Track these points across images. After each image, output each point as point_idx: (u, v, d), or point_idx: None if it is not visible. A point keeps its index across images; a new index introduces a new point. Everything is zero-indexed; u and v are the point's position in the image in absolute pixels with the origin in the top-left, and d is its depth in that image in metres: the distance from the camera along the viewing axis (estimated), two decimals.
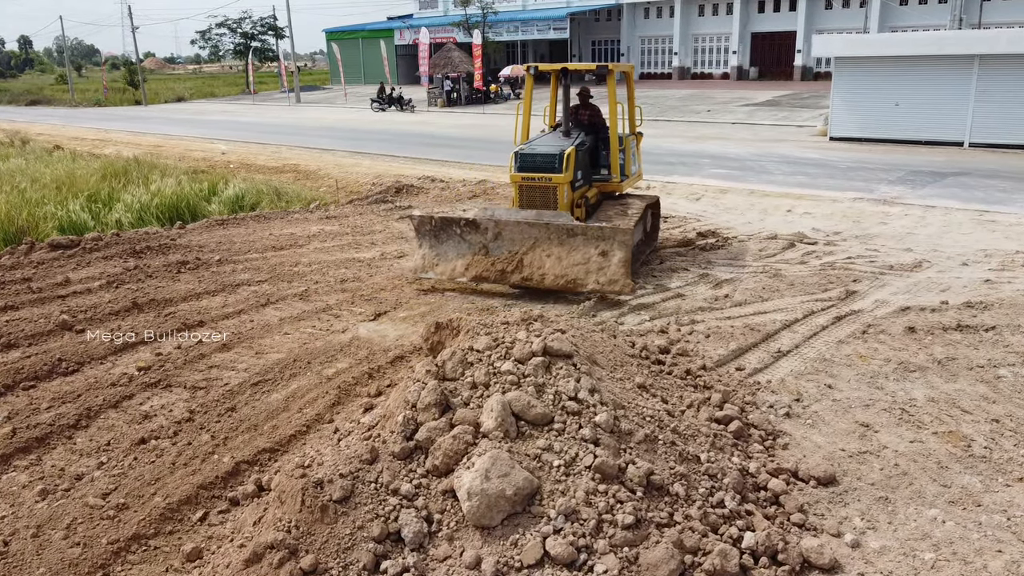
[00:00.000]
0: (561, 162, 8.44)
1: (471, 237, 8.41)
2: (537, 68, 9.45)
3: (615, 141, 9.35)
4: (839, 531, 4.04)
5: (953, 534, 4.00)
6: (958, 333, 6.79)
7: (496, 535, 3.50)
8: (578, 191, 8.95)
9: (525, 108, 9.72)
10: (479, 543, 3.47)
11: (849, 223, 11.55)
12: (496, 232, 8.28)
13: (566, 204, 8.63)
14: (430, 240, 8.62)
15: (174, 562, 3.93)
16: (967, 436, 5.00)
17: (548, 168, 8.53)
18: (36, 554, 3.94)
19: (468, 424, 3.87)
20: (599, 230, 7.99)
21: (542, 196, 8.64)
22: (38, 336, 7.13)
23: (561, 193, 8.54)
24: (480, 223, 8.32)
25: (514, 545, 3.45)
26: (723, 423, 4.84)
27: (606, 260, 7.92)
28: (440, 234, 8.55)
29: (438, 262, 8.54)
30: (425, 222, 8.59)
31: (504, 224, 8.24)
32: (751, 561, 3.67)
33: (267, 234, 11.49)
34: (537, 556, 3.40)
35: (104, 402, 5.72)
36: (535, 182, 8.61)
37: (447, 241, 8.54)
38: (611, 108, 9.24)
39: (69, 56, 75.33)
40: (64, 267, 9.58)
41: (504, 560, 3.38)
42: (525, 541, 3.45)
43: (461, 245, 8.47)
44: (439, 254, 8.55)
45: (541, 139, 9.34)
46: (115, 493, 4.49)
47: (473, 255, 8.38)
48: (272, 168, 19.59)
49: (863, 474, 4.58)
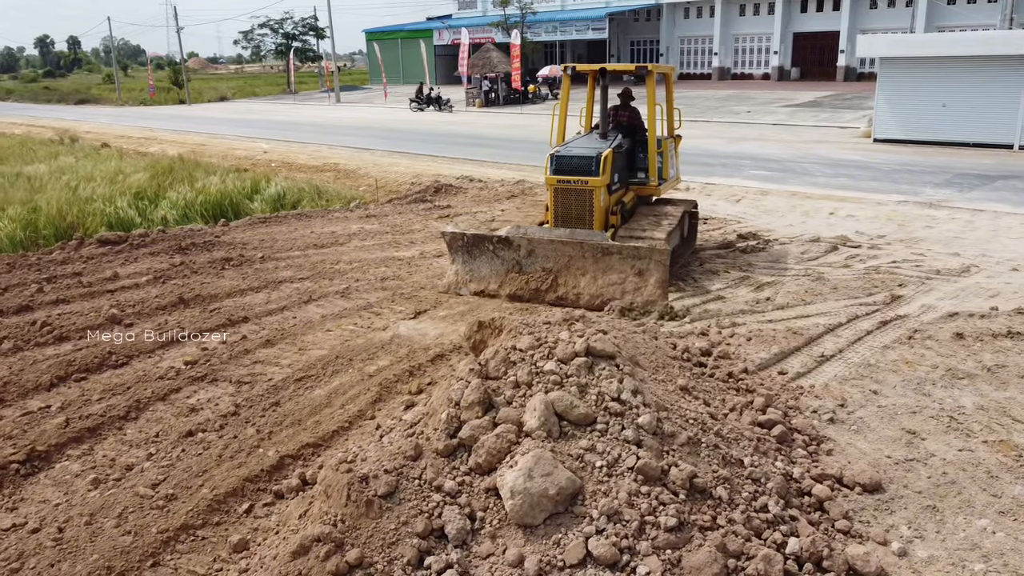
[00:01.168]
0: (598, 165, 8.28)
1: (504, 254, 8.24)
2: (575, 68, 9.32)
3: (653, 144, 9.21)
4: (886, 539, 3.98)
5: (1004, 545, 3.92)
6: (1008, 340, 6.64)
7: (539, 534, 3.51)
8: (614, 195, 8.82)
9: (561, 109, 9.57)
10: (522, 541, 3.48)
11: (894, 226, 11.35)
12: (529, 249, 8.10)
13: (602, 208, 8.51)
14: (463, 256, 8.47)
15: (221, 552, 4.01)
16: (1018, 445, 4.89)
17: (584, 171, 8.37)
18: (89, 541, 4.05)
19: (511, 423, 3.89)
20: (635, 249, 7.74)
21: (577, 199, 8.50)
22: (88, 329, 7.31)
23: (597, 197, 8.40)
24: (513, 240, 8.16)
25: (556, 544, 3.45)
26: (766, 427, 4.79)
27: (642, 280, 7.69)
28: (473, 251, 8.39)
29: (471, 279, 8.42)
30: (457, 239, 8.44)
31: (537, 242, 8.06)
32: (795, 567, 3.63)
33: (308, 232, 11.65)
34: (580, 556, 3.40)
35: (153, 395, 5.85)
36: (570, 185, 8.45)
37: (480, 257, 8.38)
38: (650, 110, 9.08)
39: (115, 55, 76.98)
40: (113, 262, 9.81)
41: (547, 559, 3.39)
42: (568, 541, 3.46)
43: (494, 262, 8.30)
44: (472, 270, 8.42)
45: (577, 141, 9.21)
46: (164, 484, 4.60)
47: (507, 272, 8.23)
48: (313, 167, 19.83)
49: (910, 482, 4.50)
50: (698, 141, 21.56)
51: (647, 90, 9.11)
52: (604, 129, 9.21)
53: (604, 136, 9.07)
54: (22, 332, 7.19)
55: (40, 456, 4.97)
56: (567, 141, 9.27)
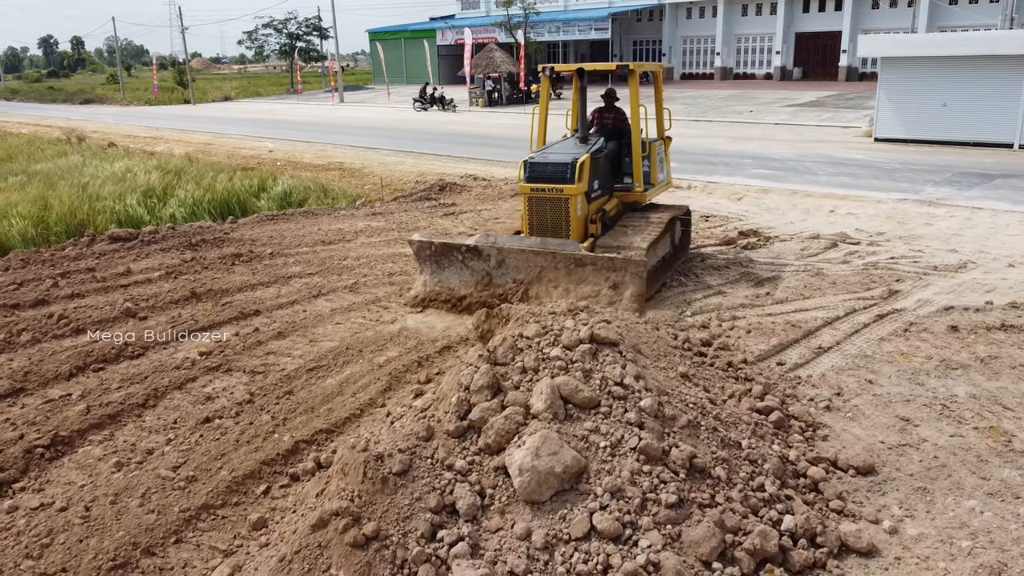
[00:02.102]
0: (573, 172, 7.75)
1: (474, 264, 7.80)
2: (553, 69, 8.93)
3: (638, 147, 8.71)
4: (877, 518, 4.15)
5: (991, 524, 4.09)
6: (1002, 332, 6.81)
7: (545, 510, 3.69)
8: (595, 203, 8.33)
9: (541, 112, 9.10)
10: (529, 517, 3.66)
11: (893, 224, 11.51)
12: (499, 260, 7.66)
13: (580, 218, 8.00)
14: (431, 267, 8.04)
15: (241, 530, 4.20)
16: (1008, 432, 5.06)
17: (559, 178, 7.82)
18: (115, 519, 4.23)
19: (519, 406, 4.07)
20: (610, 260, 7.27)
21: (553, 209, 7.96)
22: (104, 322, 7.50)
23: (574, 206, 7.87)
24: (483, 250, 7.71)
25: (562, 519, 3.63)
26: (764, 413, 4.96)
27: (617, 293, 7.25)
28: (441, 260, 7.96)
29: (440, 290, 7.99)
30: (425, 248, 7.98)
31: (508, 252, 7.60)
32: (790, 543, 3.80)
33: (316, 229, 11.83)
34: (584, 530, 3.58)
35: (170, 384, 6.04)
36: (545, 193, 7.92)
37: (449, 268, 7.95)
38: (633, 111, 8.61)
39: (119, 56, 77.28)
40: (125, 258, 10.01)
41: (553, 533, 3.57)
42: (573, 516, 3.64)
43: (464, 272, 7.87)
44: (441, 281, 7.97)
45: (555, 146, 8.70)
46: (184, 466, 4.78)
47: (476, 283, 7.79)
48: (318, 166, 20.02)
49: (902, 465, 4.67)
50: (700, 141, 21.72)
51: (630, 90, 8.64)
52: (583, 133, 8.69)
53: (584, 140, 8.57)
54: (40, 324, 7.39)
55: (63, 441, 5.16)
56: (547, 145, 8.87)
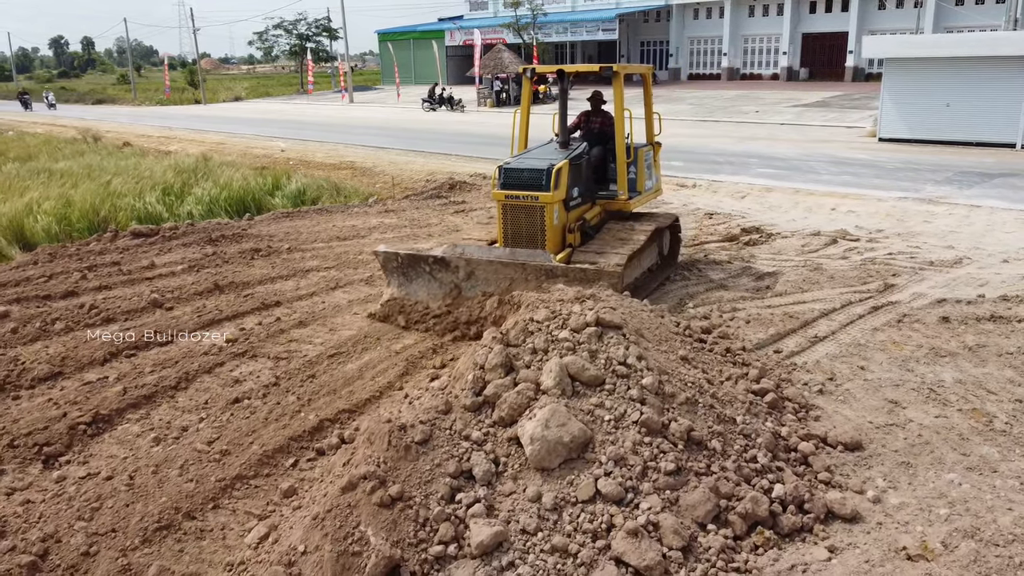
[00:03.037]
0: (549, 179, 7.44)
1: (442, 276, 7.43)
2: (535, 71, 8.66)
3: (622, 152, 8.38)
4: (862, 488, 4.47)
5: (968, 494, 4.40)
6: (991, 323, 7.11)
7: (554, 476, 4.02)
8: (574, 211, 8.00)
9: (522, 114, 8.79)
10: (540, 482, 3.99)
11: (893, 221, 11.80)
12: (468, 271, 7.31)
13: (556, 227, 7.66)
14: (398, 279, 7.68)
15: (273, 497, 4.55)
16: (990, 413, 5.37)
17: (535, 185, 7.50)
18: (157, 487, 4.59)
19: (530, 382, 4.40)
20: (582, 272, 6.87)
21: (528, 217, 7.65)
22: (133, 312, 7.87)
23: (549, 214, 7.55)
24: (451, 261, 7.35)
25: (570, 484, 3.96)
26: (759, 395, 5.28)
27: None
28: (409, 272, 7.59)
29: (406, 302, 7.62)
30: (391, 259, 7.62)
31: (476, 263, 7.26)
32: (779, 508, 4.12)
33: (330, 226, 12.20)
34: (590, 493, 3.91)
35: (199, 368, 6.40)
36: (520, 201, 7.61)
37: (416, 280, 7.58)
38: (617, 116, 8.29)
39: (131, 56, 77.99)
40: (148, 252, 10.39)
41: (562, 496, 3.91)
42: (579, 481, 3.97)
43: (432, 285, 7.51)
44: (408, 294, 7.62)
45: (534, 151, 8.38)
46: (217, 442, 5.13)
47: (444, 295, 7.46)
48: (330, 165, 20.39)
49: (888, 442, 4.99)
50: (706, 140, 22.02)
51: (614, 93, 8.38)
52: (564, 137, 8.38)
53: (565, 145, 8.25)
54: (72, 314, 7.75)
55: (103, 419, 5.52)
56: (528, 150, 8.56)
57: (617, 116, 8.30)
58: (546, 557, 3.65)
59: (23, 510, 4.41)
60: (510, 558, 3.64)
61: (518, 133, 8.80)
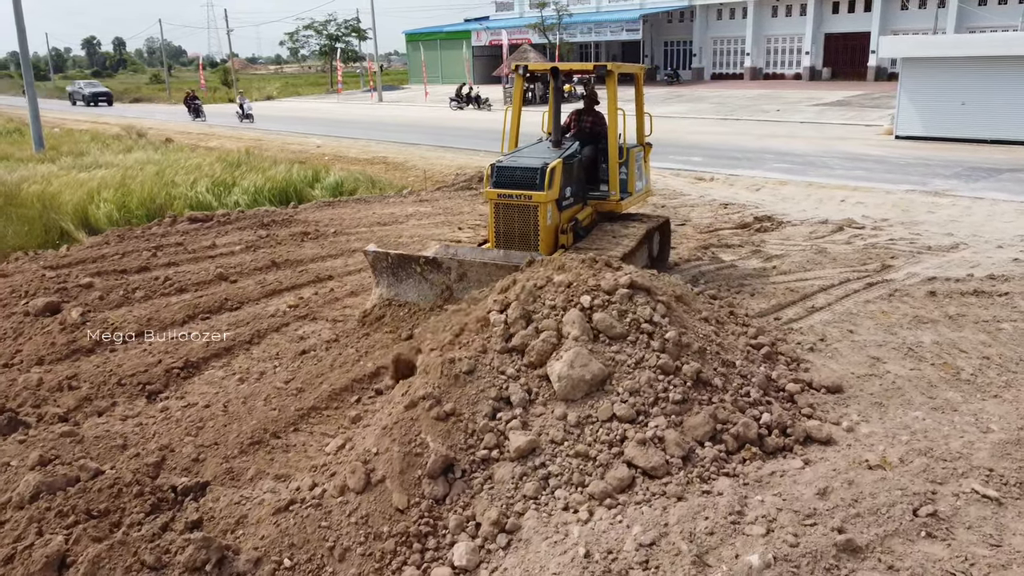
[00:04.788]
0: (543, 177, 7.39)
1: (433, 277, 7.35)
2: (527, 68, 8.61)
3: (614, 152, 8.34)
4: (838, 421, 5.28)
5: (928, 426, 5.20)
6: (974, 297, 7.86)
7: (578, 403, 4.87)
8: (567, 211, 7.95)
9: (513, 112, 8.72)
10: (565, 407, 4.85)
11: (898, 211, 12.51)
12: (460, 273, 7.21)
13: (549, 227, 7.63)
14: (388, 279, 7.56)
15: (343, 423, 5.46)
16: (959, 367, 6.15)
17: (528, 184, 7.45)
18: (247, 413, 5.52)
19: (551, 331, 5.24)
20: None
21: (521, 217, 7.57)
22: (202, 284, 8.85)
23: (543, 214, 7.50)
24: (442, 262, 7.28)
25: (591, 407, 4.82)
26: (756, 348, 6.10)
27: None
28: (399, 272, 7.49)
29: (397, 304, 7.52)
30: (381, 259, 7.51)
31: (469, 265, 7.18)
32: (766, 432, 4.95)
33: (370, 213, 13.14)
34: (608, 414, 4.76)
35: (268, 327, 7.35)
36: (512, 200, 7.54)
37: (407, 280, 7.48)
38: (610, 115, 8.25)
39: (164, 56, 79.93)
40: (207, 235, 11.39)
41: (584, 416, 4.76)
42: (599, 405, 4.82)
43: (423, 286, 7.41)
44: (398, 295, 7.53)
45: (526, 149, 8.34)
46: (292, 382, 6.06)
47: (436, 297, 7.37)
48: (363, 160, 21.39)
49: (865, 388, 5.80)
50: (727, 138, 22.73)
51: (608, 92, 8.34)
52: (557, 136, 8.32)
53: (558, 144, 8.19)
54: (148, 285, 8.74)
55: (192, 365, 6.48)
56: (519, 149, 8.51)
57: (610, 116, 8.29)
58: (571, 460, 4.51)
59: (139, 429, 5.36)
60: (541, 460, 4.51)
61: (509, 131, 8.70)
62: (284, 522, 4.15)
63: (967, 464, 4.63)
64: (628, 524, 4.04)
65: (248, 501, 4.41)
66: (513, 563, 3.91)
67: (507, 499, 4.31)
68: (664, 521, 4.03)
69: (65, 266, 9.52)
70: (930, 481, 4.45)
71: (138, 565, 3.81)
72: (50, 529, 4.09)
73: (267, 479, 4.71)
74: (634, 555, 3.79)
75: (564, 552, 3.88)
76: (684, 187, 15.31)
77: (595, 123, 8.94)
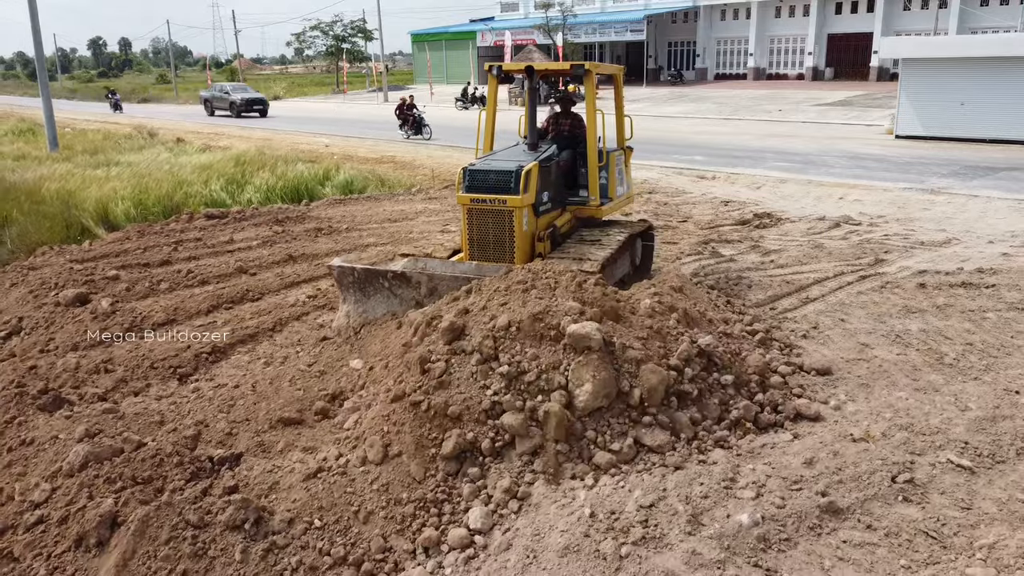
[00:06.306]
0: (518, 181, 7.06)
1: (402, 292, 6.98)
2: (501, 68, 8.27)
3: (594, 156, 8.00)
4: (826, 400, 5.65)
5: (911, 406, 5.56)
6: (962, 288, 8.21)
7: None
8: (544, 217, 7.61)
9: (488, 114, 8.44)
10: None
11: (894, 209, 12.86)
12: (430, 287, 6.83)
13: (525, 234, 7.30)
14: (355, 295, 7.20)
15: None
16: (943, 353, 6.51)
17: (503, 188, 7.12)
18: (275, 393, 5.91)
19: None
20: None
21: (495, 222, 7.24)
22: (223, 276, 9.24)
23: (519, 219, 7.17)
24: (411, 277, 6.93)
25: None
26: (751, 334, 6.48)
27: None
28: (366, 288, 7.14)
29: (364, 322, 7.13)
30: (347, 274, 7.14)
31: (439, 279, 6.80)
32: (759, 409, 5.32)
33: (380, 210, 13.54)
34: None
35: (289, 316, 7.74)
36: (486, 205, 7.21)
37: (375, 296, 7.12)
38: (589, 117, 7.93)
39: (172, 57, 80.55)
40: (224, 231, 11.79)
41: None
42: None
43: (392, 301, 7.05)
44: (366, 311, 7.16)
45: (501, 153, 8.03)
46: (315, 365, 6.45)
47: (404, 314, 6.83)
48: (372, 159, 21.78)
49: (853, 371, 6.16)
50: (729, 138, 23.09)
51: (586, 94, 8.06)
52: (533, 139, 8.04)
53: (534, 147, 7.92)
54: (172, 277, 9.14)
55: (220, 351, 6.87)
56: (494, 152, 8.23)
57: (589, 118, 7.97)
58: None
59: (174, 407, 5.76)
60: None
61: (484, 134, 8.41)
62: (313, 487, 4.54)
63: (944, 438, 5.00)
64: (630, 489, 4.42)
65: (279, 470, 4.79)
66: (524, 524, 4.29)
67: (518, 473, 4.68)
68: (663, 486, 4.41)
69: (91, 260, 9.92)
70: (909, 452, 4.82)
71: (183, 524, 4.19)
72: (100, 494, 4.48)
73: (295, 451, 5.09)
74: (635, 515, 4.17)
75: (571, 513, 4.26)
76: (686, 185, 15.68)
77: (573, 125, 8.64)
